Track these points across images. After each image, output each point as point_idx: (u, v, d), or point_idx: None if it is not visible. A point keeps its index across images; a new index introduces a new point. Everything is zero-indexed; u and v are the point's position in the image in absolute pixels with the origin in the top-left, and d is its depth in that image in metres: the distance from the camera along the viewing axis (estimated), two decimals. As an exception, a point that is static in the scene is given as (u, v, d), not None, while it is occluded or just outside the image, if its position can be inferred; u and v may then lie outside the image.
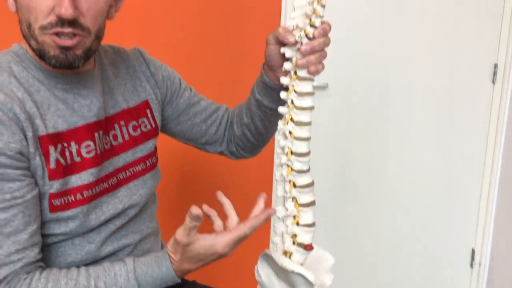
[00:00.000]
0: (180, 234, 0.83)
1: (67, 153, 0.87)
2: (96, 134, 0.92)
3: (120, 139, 0.98)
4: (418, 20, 2.13)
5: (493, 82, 2.18)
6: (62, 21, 0.81)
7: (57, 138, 0.86)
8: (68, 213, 0.88)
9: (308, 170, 0.89)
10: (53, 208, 0.86)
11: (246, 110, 1.10)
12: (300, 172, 0.88)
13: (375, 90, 2.19)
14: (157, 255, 0.89)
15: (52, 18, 0.81)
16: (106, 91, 0.96)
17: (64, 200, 0.87)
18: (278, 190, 0.92)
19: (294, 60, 0.86)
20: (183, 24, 2.04)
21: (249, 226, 0.84)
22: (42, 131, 0.84)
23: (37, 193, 0.84)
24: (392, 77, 2.18)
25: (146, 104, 1.05)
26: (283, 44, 0.88)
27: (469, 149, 2.26)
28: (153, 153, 1.06)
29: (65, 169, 0.87)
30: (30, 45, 0.85)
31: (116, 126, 0.98)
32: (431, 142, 2.26)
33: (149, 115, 1.05)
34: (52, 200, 0.86)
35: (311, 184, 0.89)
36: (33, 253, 0.84)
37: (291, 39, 0.84)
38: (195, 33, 2.05)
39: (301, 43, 0.85)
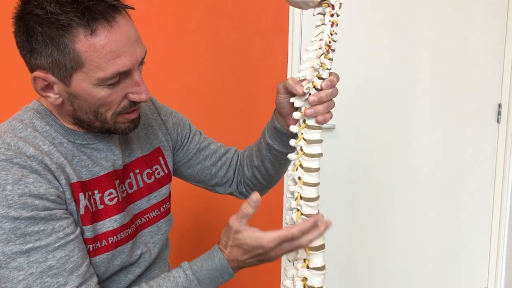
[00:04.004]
0: (233, 219, 0.87)
1: (92, 201, 0.90)
2: (116, 182, 0.95)
3: (135, 187, 1.00)
4: (423, 61, 2.19)
5: (498, 121, 2.21)
6: (135, 103, 0.88)
7: (84, 187, 0.89)
8: (96, 259, 0.90)
9: (317, 214, 0.91)
10: None
11: (257, 153, 1.12)
12: (309, 216, 0.90)
13: (380, 132, 2.23)
14: (208, 251, 0.92)
15: (125, 103, 0.87)
16: (122, 141, 0.99)
17: (93, 247, 0.89)
18: (289, 233, 0.95)
19: (303, 109, 0.90)
20: (194, 71, 2.11)
21: (297, 228, 0.85)
22: (73, 179, 0.86)
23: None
24: (396, 118, 2.22)
25: (158, 151, 1.07)
26: (292, 94, 0.91)
27: (477, 187, 2.27)
28: (167, 198, 1.08)
29: (92, 216, 0.89)
30: (92, 126, 0.89)
31: (132, 174, 0.99)
32: (437, 183, 2.27)
33: (162, 161, 1.07)
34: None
35: (321, 228, 0.92)
36: (93, 282, 0.86)
37: (299, 90, 0.88)
38: (206, 79, 2.12)
39: (309, 94, 0.88)
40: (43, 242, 0.80)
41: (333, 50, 0.87)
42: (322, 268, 0.91)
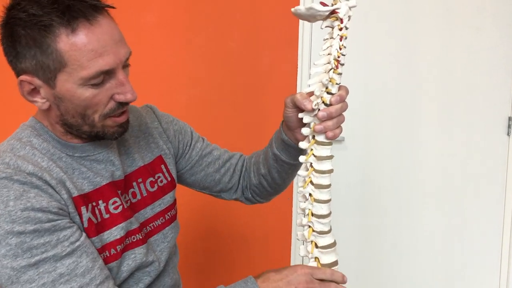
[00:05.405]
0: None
1: (97, 212, 0.89)
2: (118, 192, 0.95)
3: (138, 196, 1.00)
4: (431, 74, 2.18)
5: (508, 134, 2.19)
6: (122, 104, 0.87)
7: (86, 199, 0.89)
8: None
9: (330, 230, 0.89)
10: None
11: (264, 161, 1.12)
12: (321, 233, 0.88)
13: (389, 144, 2.21)
14: (244, 278, 0.92)
15: (112, 105, 0.86)
16: (122, 151, 0.99)
17: (102, 256, 0.88)
18: (300, 250, 0.93)
19: (312, 125, 0.88)
20: (203, 84, 2.11)
21: (330, 271, 0.89)
22: (74, 193, 0.86)
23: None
24: (405, 130, 2.21)
25: (160, 160, 1.07)
26: (300, 109, 0.89)
27: (487, 200, 2.24)
28: (172, 206, 1.07)
29: (97, 227, 0.89)
30: (80, 131, 0.88)
31: (135, 184, 0.99)
32: (447, 196, 2.24)
33: (164, 169, 1.07)
34: None
35: (333, 244, 0.89)
36: (111, 285, 0.85)
37: (308, 106, 0.86)
38: (215, 92, 2.12)
39: (319, 109, 0.86)
40: (49, 253, 0.79)
41: (342, 65, 0.84)
42: (335, 286, 0.89)
